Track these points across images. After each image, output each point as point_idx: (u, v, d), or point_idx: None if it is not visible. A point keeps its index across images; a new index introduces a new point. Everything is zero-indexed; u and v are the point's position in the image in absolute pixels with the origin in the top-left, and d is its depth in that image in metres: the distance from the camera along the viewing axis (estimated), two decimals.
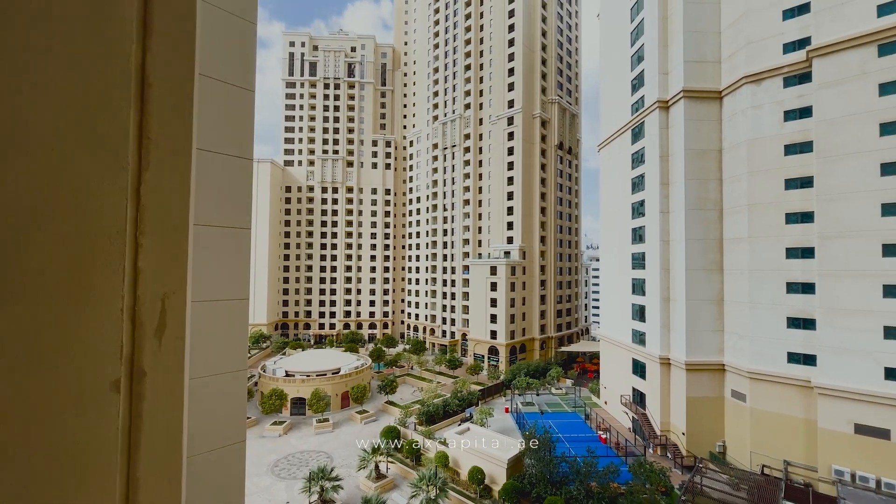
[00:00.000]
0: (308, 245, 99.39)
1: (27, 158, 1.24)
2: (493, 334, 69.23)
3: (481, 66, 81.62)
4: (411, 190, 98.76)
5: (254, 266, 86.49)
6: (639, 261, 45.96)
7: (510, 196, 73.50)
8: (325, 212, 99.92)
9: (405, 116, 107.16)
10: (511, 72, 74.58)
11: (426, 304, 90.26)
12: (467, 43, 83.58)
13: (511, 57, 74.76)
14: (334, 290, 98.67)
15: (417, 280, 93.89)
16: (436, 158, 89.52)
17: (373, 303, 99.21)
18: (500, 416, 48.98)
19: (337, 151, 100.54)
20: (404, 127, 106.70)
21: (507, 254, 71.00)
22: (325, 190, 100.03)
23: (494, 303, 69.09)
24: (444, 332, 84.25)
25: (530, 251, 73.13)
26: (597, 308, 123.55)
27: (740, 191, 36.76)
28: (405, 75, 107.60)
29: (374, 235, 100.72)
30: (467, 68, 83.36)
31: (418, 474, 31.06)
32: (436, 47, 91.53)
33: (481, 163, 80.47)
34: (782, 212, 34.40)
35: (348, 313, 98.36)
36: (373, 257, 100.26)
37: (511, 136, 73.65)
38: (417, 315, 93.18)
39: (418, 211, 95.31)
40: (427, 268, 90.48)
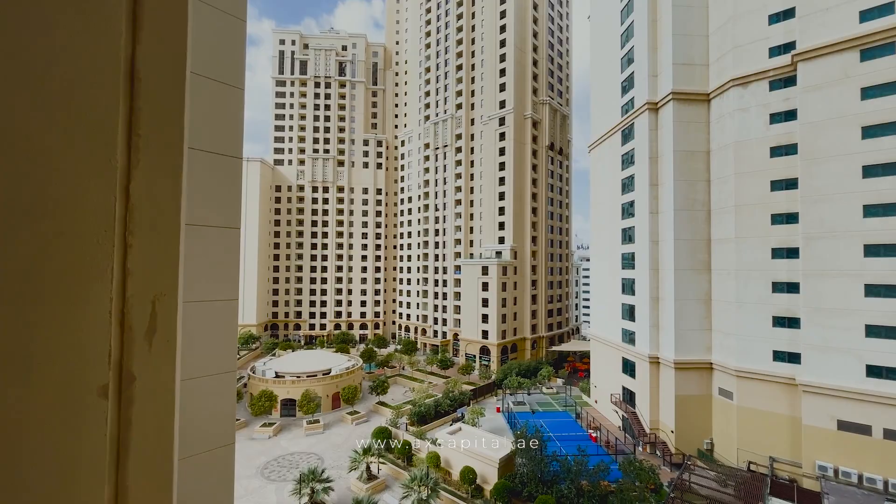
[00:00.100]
0: (298, 245, 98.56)
1: (8, 153, 1.19)
2: (485, 334, 69.41)
3: (473, 66, 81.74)
4: (403, 190, 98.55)
5: (243, 266, 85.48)
6: (628, 261, 46.43)
7: (501, 196, 73.73)
8: (315, 211, 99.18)
9: (397, 116, 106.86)
10: (502, 72, 74.81)
11: (418, 304, 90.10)
12: (459, 43, 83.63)
13: (502, 58, 74.99)
14: (325, 291, 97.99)
15: (409, 280, 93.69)
16: (427, 158, 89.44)
17: (364, 303, 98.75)
18: (491, 415, 49.10)
19: (328, 151, 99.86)
20: (396, 126, 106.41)
21: (499, 254, 71.24)
22: (315, 189, 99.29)
23: (486, 303, 69.28)
24: (436, 332, 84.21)
25: (521, 251, 73.45)
26: (587, 308, 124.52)
27: (727, 192, 37.34)
28: (397, 75, 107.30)
29: (365, 235, 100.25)
30: (459, 68, 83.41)
31: (410, 475, 30.99)
32: (427, 47, 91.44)
33: (473, 163, 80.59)
34: (768, 213, 35.03)
35: (339, 314, 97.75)
36: (364, 257, 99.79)
37: (502, 136, 73.88)
38: (409, 315, 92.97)
39: (410, 211, 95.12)
40: (419, 268, 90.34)
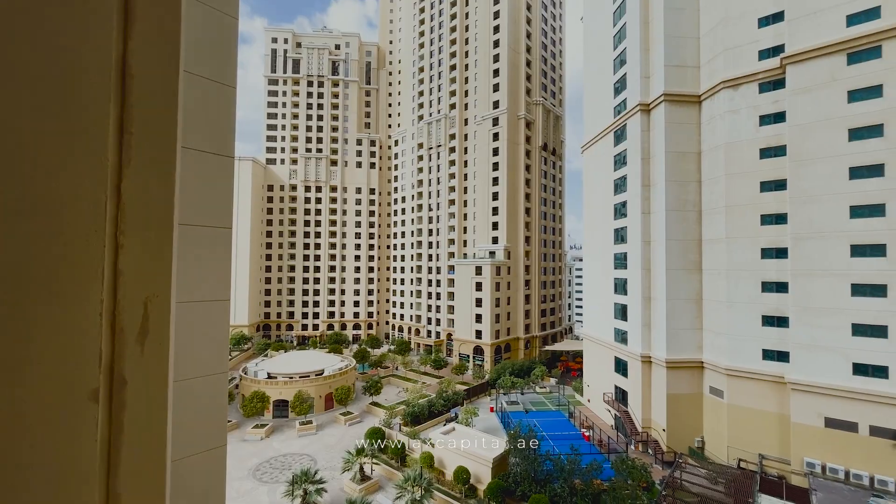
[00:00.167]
0: (291, 245, 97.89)
1: None
2: (479, 334, 69.49)
3: (466, 66, 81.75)
4: (396, 190, 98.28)
5: (235, 266, 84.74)
6: (621, 261, 46.77)
7: (495, 196, 73.86)
8: (308, 211, 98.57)
9: (390, 116, 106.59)
10: (496, 73, 74.95)
11: (411, 304, 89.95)
12: (452, 43, 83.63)
13: (496, 58, 75.12)
14: (318, 291, 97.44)
15: (402, 280, 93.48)
16: (421, 158, 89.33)
17: (357, 303, 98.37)
18: (485, 415, 49.17)
19: (321, 150, 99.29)
20: (389, 126, 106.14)
21: (493, 254, 71.35)
22: (308, 189, 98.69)
23: (479, 302, 69.38)
24: (430, 332, 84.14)
25: (515, 251, 73.66)
26: (580, 307, 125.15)
27: (718, 193, 37.77)
28: (390, 74, 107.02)
29: (358, 235, 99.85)
30: (452, 68, 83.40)
31: (403, 475, 30.93)
32: (421, 47, 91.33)
33: (466, 163, 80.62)
34: (758, 213, 35.50)
35: (332, 314, 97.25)
36: (357, 257, 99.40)
37: (496, 136, 74.01)
38: (402, 315, 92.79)
39: (403, 211, 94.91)
40: (412, 268, 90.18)
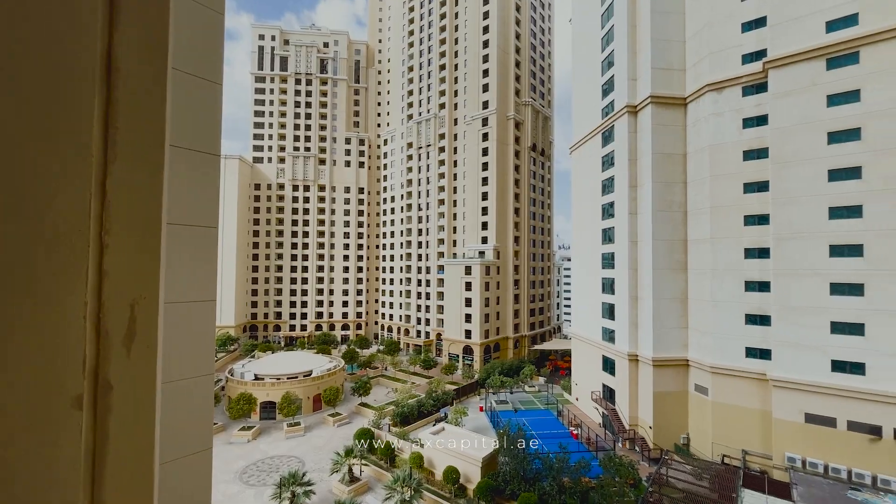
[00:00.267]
0: (278, 245, 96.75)
1: None
2: (468, 334, 69.61)
3: (456, 66, 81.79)
4: (385, 189, 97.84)
5: (221, 266, 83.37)
6: (608, 260, 47.31)
7: (484, 196, 74.07)
8: (296, 210, 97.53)
9: (379, 115, 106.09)
10: (486, 73, 75.16)
11: (400, 304, 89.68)
12: (442, 43, 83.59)
13: (485, 58, 75.33)
14: (306, 291, 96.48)
15: (392, 280, 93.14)
16: (410, 158, 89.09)
17: (346, 303, 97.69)
18: (474, 415, 49.29)
19: (309, 149, 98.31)
20: (378, 125, 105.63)
21: (482, 254, 71.54)
22: (296, 188, 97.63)
23: (469, 302, 69.50)
24: (419, 332, 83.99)
25: (504, 251, 73.98)
26: (568, 307, 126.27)
27: (703, 194, 38.47)
28: (379, 73, 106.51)
29: (346, 235, 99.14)
30: (442, 68, 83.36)
31: (393, 476, 30.80)
32: (410, 46, 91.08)
33: (456, 163, 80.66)
34: (741, 214, 36.25)
35: (320, 314, 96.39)
36: (346, 257, 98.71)
37: (485, 136, 74.22)
38: (391, 315, 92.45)
39: (392, 210, 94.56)
40: (401, 268, 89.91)
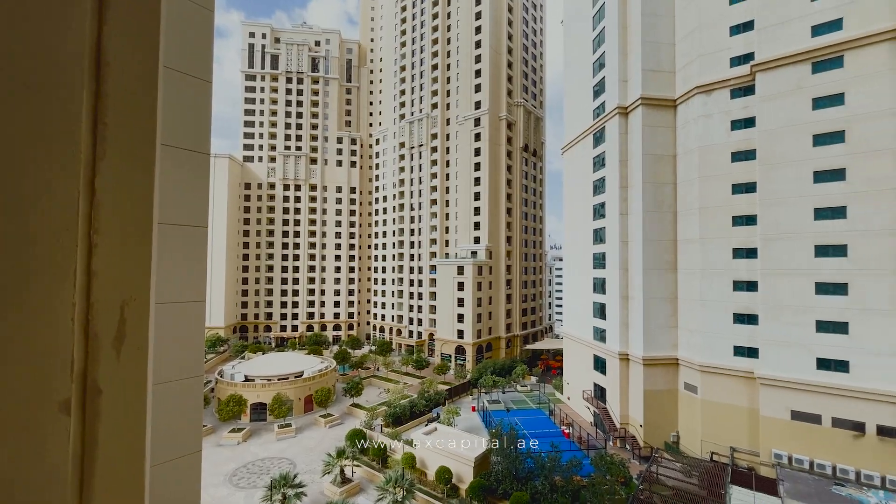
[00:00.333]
0: (269, 244, 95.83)
1: None
2: (461, 334, 69.64)
3: (448, 66, 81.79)
4: (377, 189, 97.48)
5: (210, 267, 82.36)
6: (599, 261, 47.67)
7: (477, 196, 74.17)
8: (287, 210, 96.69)
9: (371, 114, 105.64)
10: (478, 73, 75.27)
11: (392, 304, 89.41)
12: (434, 43, 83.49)
13: (478, 59, 75.43)
14: (297, 291, 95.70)
15: (384, 280, 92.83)
16: (403, 157, 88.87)
17: (337, 304, 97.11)
18: (467, 414, 49.30)
19: (300, 148, 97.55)
20: (370, 125, 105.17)
21: (474, 254, 71.64)
22: (287, 187, 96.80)
23: (461, 302, 69.53)
24: (411, 332, 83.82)
25: (497, 251, 74.14)
26: (560, 306, 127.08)
27: (692, 194, 38.95)
28: (371, 72, 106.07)
29: (338, 235, 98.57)
30: (434, 68, 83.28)
31: (385, 476, 30.69)
32: (403, 45, 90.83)
33: (448, 163, 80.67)
34: (729, 215, 36.78)
35: (312, 315, 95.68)
36: (337, 257, 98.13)
37: (478, 136, 74.34)
38: (384, 316, 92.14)
39: (385, 210, 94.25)
40: (394, 268, 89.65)
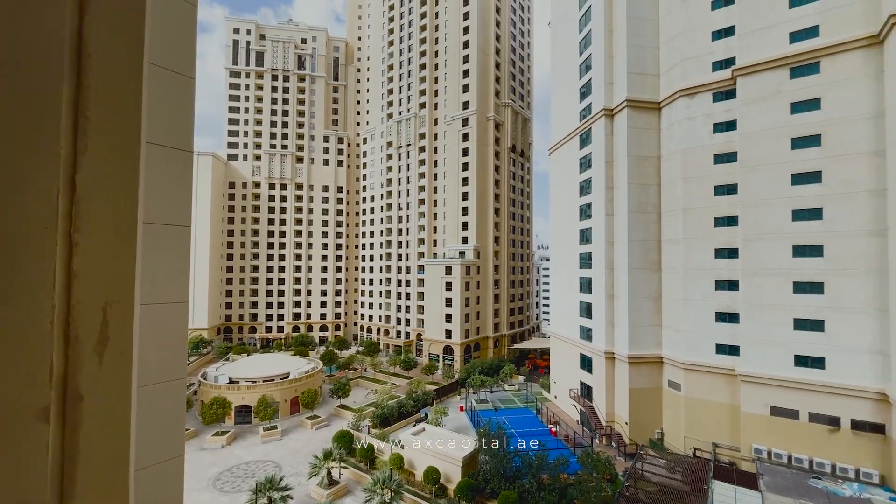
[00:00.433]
0: (254, 244, 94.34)
1: None
2: (448, 333, 69.65)
3: (436, 66, 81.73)
4: (365, 188, 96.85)
5: (193, 267, 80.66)
6: (586, 260, 48.21)
7: (465, 196, 74.29)
8: (272, 209, 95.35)
9: (359, 113, 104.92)
10: (466, 73, 75.40)
11: (380, 304, 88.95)
12: (422, 42, 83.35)
13: (466, 59, 75.56)
14: (282, 292, 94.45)
15: (371, 280, 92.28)
16: (390, 157, 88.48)
17: (324, 304, 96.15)
18: (455, 414, 49.32)
19: (286, 146, 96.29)
20: (358, 124, 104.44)
21: (462, 254, 71.73)
22: (272, 186, 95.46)
23: (449, 302, 69.54)
24: (399, 332, 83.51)
25: (484, 251, 74.37)
26: (547, 306, 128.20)
27: (676, 196, 39.68)
28: (359, 71, 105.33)
29: (325, 234, 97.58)
30: (422, 67, 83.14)
31: (372, 478, 30.51)
32: (390, 44, 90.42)
33: (436, 162, 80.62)
34: (712, 216, 37.58)
35: (298, 315, 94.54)
36: (324, 257, 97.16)
37: (466, 137, 74.46)
38: (371, 316, 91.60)
39: (372, 210, 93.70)
40: (381, 268, 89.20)
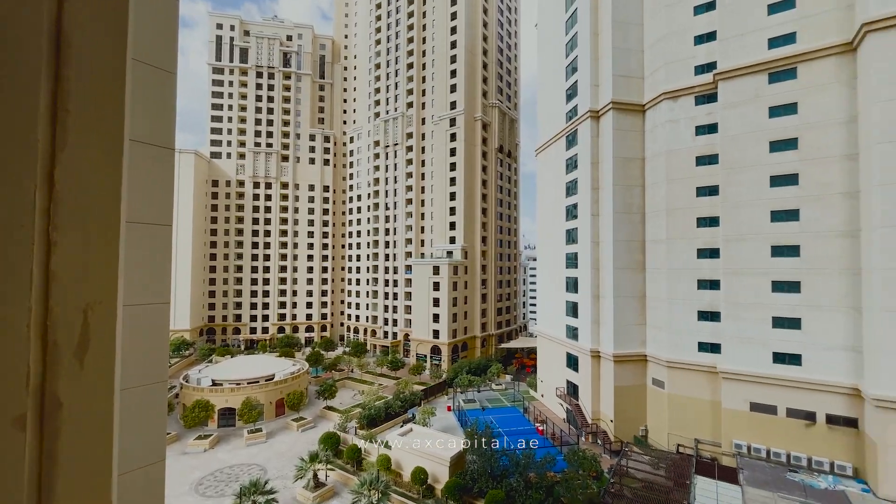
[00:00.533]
0: (238, 244, 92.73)
1: None
2: (436, 333, 69.61)
3: (424, 65, 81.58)
4: (352, 188, 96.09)
5: (175, 267, 78.85)
6: (572, 260, 48.73)
7: (452, 196, 74.35)
8: (256, 208, 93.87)
9: (345, 112, 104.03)
10: (453, 73, 75.46)
11: (367, 304, 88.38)
12: (410, 41, 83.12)
13: (453, 59, 75.62)
14: (267, 292, 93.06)
15: (358, 280, 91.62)
16: (378, 156, 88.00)
17: (310, 304, 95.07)
18: (442, 414, 49.31)
19: (270, 144, 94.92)
20: (344, 123, 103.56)
21: (450, 254, 71.76)
22: (256, 185, 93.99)
23: (437, 302, 69.51)
24: (386, 332, 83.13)
25: (472, 251, 74.55)
26: (534, 306, 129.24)
27: (660, 197, 40.41)
28: (345, 69, 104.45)
29: (311, 234, 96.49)
30: (410, 67, 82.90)
31: (359, 479, 30.28)
32: (378, 43, 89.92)
33: (424, 162, 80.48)
34: (694, 216, 38.39)
35: (283, 316, 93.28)
36: (310, 257, 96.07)
37: (453, 137, 74.52)
38: (358, 316, 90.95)
39: (359, 209, 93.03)
40: (368, 268, 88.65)
